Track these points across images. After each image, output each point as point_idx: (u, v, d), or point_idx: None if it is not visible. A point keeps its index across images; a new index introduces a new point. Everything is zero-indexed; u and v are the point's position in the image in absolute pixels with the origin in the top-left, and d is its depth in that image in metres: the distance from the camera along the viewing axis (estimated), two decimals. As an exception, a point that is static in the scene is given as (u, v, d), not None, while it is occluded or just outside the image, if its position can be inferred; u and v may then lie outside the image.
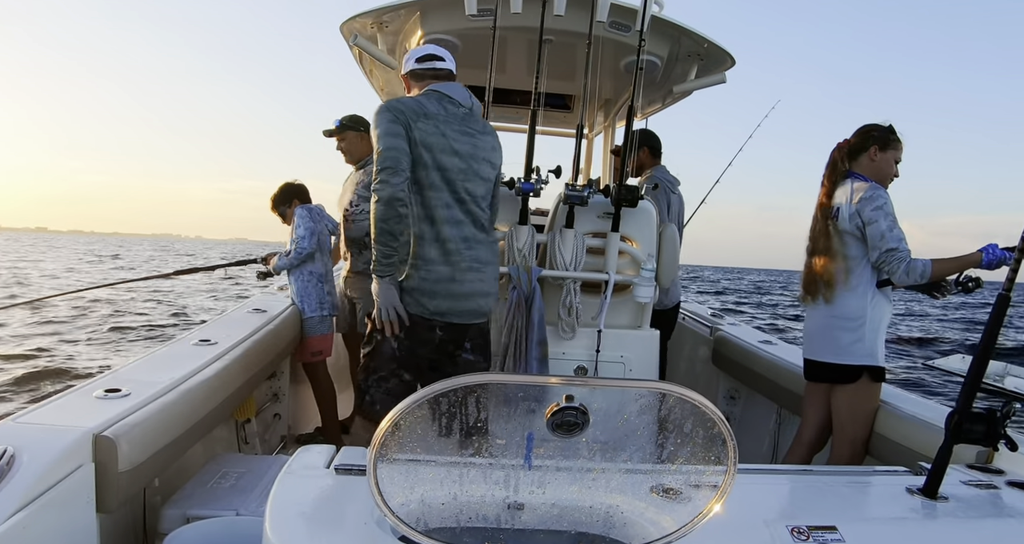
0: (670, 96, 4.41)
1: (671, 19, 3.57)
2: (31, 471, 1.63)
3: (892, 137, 2.88)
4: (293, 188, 4.24)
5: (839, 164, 2.94)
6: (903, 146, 2.91)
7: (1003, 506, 1.84)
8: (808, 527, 1.54)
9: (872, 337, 2.81)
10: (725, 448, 1.13)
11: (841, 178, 2.92)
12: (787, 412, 3.62)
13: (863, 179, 2.86)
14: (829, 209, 2.92)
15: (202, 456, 2.81)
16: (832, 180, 2.95)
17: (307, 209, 4.07)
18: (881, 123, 2.91)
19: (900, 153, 2.90)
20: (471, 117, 2.69)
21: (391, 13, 3.62)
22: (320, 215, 4.12)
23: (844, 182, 2.90)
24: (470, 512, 1.33)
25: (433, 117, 2.57)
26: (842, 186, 2.90)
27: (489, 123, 2.78)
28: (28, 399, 7.22)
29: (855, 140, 2.92)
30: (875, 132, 2.89)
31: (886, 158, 2.87)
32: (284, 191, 4.22)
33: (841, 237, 2.85)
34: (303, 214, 4.04)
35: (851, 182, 2.86)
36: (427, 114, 2.56)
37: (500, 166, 2.77)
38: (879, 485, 1.96)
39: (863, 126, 2.94)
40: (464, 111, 2.68)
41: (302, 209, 4.07)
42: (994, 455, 2.23)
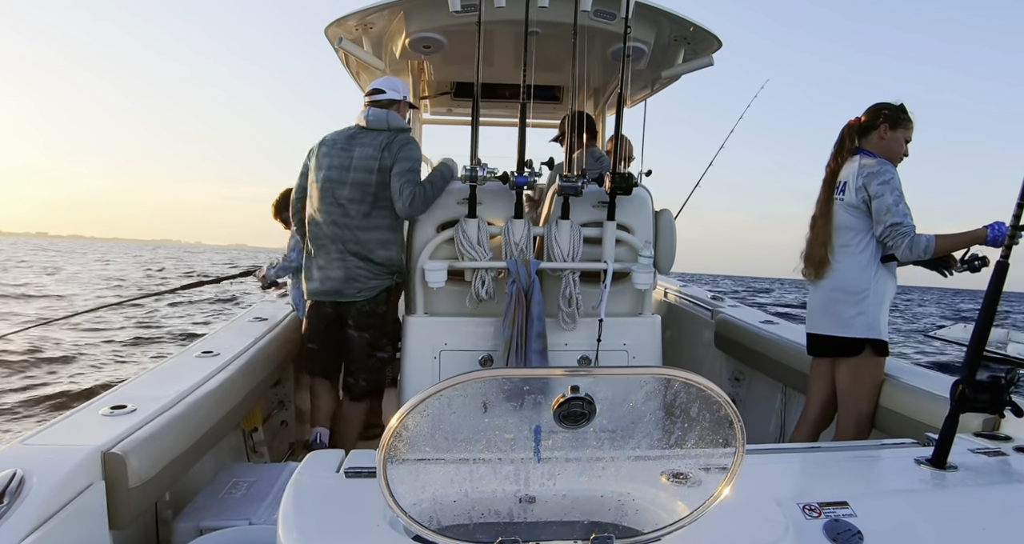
0: (659, 81, 4.41)
1: (655, 4, 3.56)
2: (42, 492, 1.63)
3: (903, 116, 2.88)
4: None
5: (847, 141, 2.94)
6: (914, 126, 2.90)
7: (1012, 472, 1.85)
8: (819, 503, 1.54)
9: (875, 311, 2.82)
10: (732, 430, 1.13)
11: (849, 155, 2.92)
12: (792, 391, 3.63)
13: (872, 156, 2.85)
14: (834, 184, 2.92)
15: (212, 467, 2.81)
16: (840, 157, 2.95)
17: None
18: (892, 102, 2.90)
19: (911, 132, 2.90)
20: (361, 134, 3.29)
21: (375, 14, 3.61)
22: None
23: (852, 158, 2.90)
24: (482, 508, 1.33)
25: (327, 143, 3.33)
26: (850, 162, 2.90)
27: (386, 132, 3.27)
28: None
29: (866, 118, 2.92)
30: (886, 110, 2.88)
31: (896, 137, 2.86)
32: (286, 197, 4.22)
33: (846, 211, 2.85)
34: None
35: (859, 158, 2.86)
36: (323, 142, 3.36)
37: (386, 163, 3.20)
38: (888, 458, 1.97)
39: (875, 104, 2.94)
40: (353, 130, 3.33)
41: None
42: (1000, 422, 2.24)
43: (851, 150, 2.92)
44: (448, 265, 3.05)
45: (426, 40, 3.68)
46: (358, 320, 3.31)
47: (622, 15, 3.03)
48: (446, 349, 3.16)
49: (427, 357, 3.16)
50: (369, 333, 3.34)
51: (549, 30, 3.42)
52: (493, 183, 3.01)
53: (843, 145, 2.95)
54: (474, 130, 3.06)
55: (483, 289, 3.10)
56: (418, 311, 3.22)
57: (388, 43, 4.00)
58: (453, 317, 3.21)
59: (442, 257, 3.12)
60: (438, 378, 3.09)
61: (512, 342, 3.00)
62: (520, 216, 3.10)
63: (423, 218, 3.21)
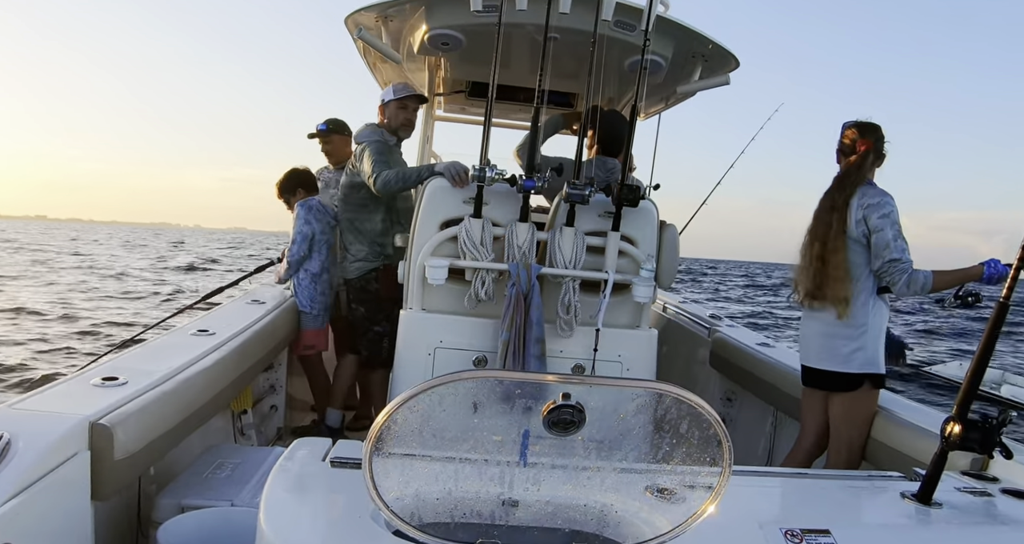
0: (673, 96, 4.41)
1: (676, 19, 3.56)
2: (27, 457, 1.63)
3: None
4: (299, 175, 4.25)
5: (863, 170, 2.85)
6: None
7: (997, 513, 1.84)
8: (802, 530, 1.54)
9: (873, 345, 2.80)
10: (720, 449, 1.13)
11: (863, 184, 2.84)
12: (783, 415, 3.62)
13: (868, 183, 2.83)
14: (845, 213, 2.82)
15: (198, 446, 2.81)
16: (854, 185, 2.83)
17: (307, 208, 4.08)
18: (874, 123, 2.88)
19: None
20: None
21: (396, 7, 3.61)
22: (321, 213, 4.13)
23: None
24: (464, 508, 1.33)
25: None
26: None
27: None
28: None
29: (877, 148, 2.87)
30: (882, 145, 2.87)
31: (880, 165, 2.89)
32: (290, 178, 4.23)
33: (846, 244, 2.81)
34: (300, 214, 4.05)
35: (863, 187, 2.82)
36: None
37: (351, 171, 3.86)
38: (874, 490, 1.96)
39: (877, 131, 2.88)
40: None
41: (301, 208, 4.08)
42: (989, 462, 2.24)
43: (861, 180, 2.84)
44: (450, 263, 3.05)
45: (445, 37, 3.69)
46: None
47: (642, 27, 3.03)
48: (441, 346, 3.16)
49: (421, 353, 3.15)
50: (364, 307, 3.93)
51: (568, 36, 3.42)
52: (501, 185, 3.02)
53: (861, 172, 2.85)
54: (486, 131, 3.07)
55: (483, 289, 3.10)
56: (415, 306, 3.22)
57: (407, 37, 4.00)
58: (450, 315, 3.20)
59: (444, 255, 3.12)
60: (431, 375, 3.08)
61: (510, 345, 3.00)
62: (525, 219, 3.10)
63: (427, 214, 3.20)
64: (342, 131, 4.54)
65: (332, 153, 4.58)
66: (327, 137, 4.53)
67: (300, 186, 4.20)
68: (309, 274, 4.06)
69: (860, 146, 2.86)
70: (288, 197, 4.21)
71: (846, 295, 2.79)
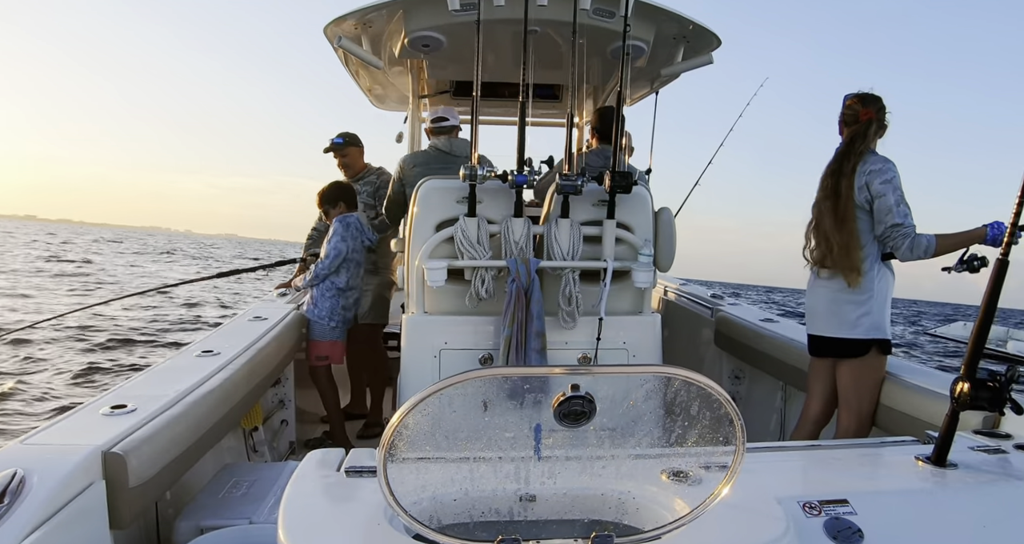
0: (658, 80, 4.40)
1: (655, 2, 3.55)
2: (42, 492, 1.63)
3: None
4: (343, 189, 4.28)
5: (868, 138, 2.83)
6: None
7: (1012, 469, 1.85)
8: (820, 501, 1.54)
9: (879, 310, 2.81)
10: (733, 428, 1.13)
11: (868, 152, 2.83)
12: (792, 389, 3.63)
13: (871, 151, 2.84)
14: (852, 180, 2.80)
15: (212, 466, 2.81)
16: (860, 154, 2.81)
17: (345, 224, 4.10)
18: (874, 94, 2.87)
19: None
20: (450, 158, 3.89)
21: (374, 13, 3.61)
22: (358, 231, 4.16)
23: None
24: (483, 506, 1.33)
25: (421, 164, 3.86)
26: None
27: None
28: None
29: (879, 117, 2.85)
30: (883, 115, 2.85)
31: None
32: (335, 189, 4.25)
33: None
34: (338, 230, 4.07)
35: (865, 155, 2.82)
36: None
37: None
38: (888, 456, 1.97)
39: (879, 101, 2.86)
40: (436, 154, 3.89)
41: (339, 223, 4.09)
42: (1000, 420, 2.24)
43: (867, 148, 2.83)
44: (448, 264, 3.05)
45: (425, 39, 3.68)
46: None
47: (621, 13, 3.02)
48: (446, 348, 3.16)
49: (427, 356, 3.15)
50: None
51: (548, 29, 3.42)
52: (492, 182, 3.01)
53: (867, 137, 2.83)
54: (473, 129, 3.06)
55: (483, 288, 3.10)
56: (417, 310, 3.21)
57: (387, 42, 4.00)
58: (453, 316, 3.20)
59: (441, 256, 3.11)
60: (438, 377, 3.08)
61: (512, 340, 3.00)
62: (519, 215, 3.10)
63: (421, 217, 3.20)
64: (357, 143, 4.64)
65: (349, 166, 4.65)
66: (343, 150, 4.58)
67: (343, 200, 4.22)
68: (335, 287, 4.09)
69: (863, 116, 2.85)
70: (329, 208, 4.22)
71: (858, 263, 2.79)
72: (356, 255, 4.16)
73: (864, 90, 2.90)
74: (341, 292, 4.12)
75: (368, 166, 4.73)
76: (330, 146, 4.61)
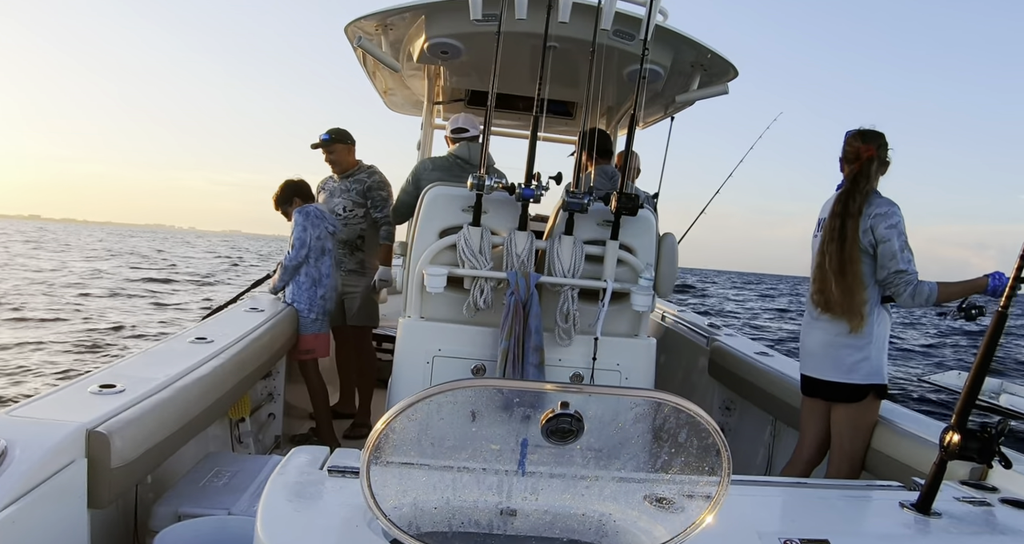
0: (672, 105, 4.42)
1: (675, 29, 3.58)
2: (23, 465, 1.62)
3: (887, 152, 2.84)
4: (294, 186, 4.26)
5: (871, 177, 2.79)
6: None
7: (996, 523, 1.84)
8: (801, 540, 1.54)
9: (878, 355, 2.78)
10: (719, 459, 1.13)
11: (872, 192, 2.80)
12: (782, 424, 3.62)
13: (875, 193, 2.80)
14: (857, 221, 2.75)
15: (195, 454, 2.81)
16: (866, 194, 2.77)
17: (304, 214, 4.08)
18: (876, 130, 2.83)
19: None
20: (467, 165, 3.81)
21: (396, 16, 3.63)
22: (319, 218, 4.13)
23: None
24: (462, 517, 1.32)
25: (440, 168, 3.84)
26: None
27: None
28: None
29: (880, 155, 2.81)
30: (885, 152, 2.81)
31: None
32: (284, 189, 4.25)
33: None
34: (299, 221, 4.05)
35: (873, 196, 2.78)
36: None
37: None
38: (873, 499, 1.96)
39: (880, 138, 2.81)
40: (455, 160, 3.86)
41: (299, 214, 4.08)
42: (988, 472, 2.23)
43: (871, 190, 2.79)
44: (448, 271, 3.05)
45: (444, 46, 3.70)
46: None
47: (641, 37, 3.04)
48: (439, 355, 3.15)
49: (419, 361, 3.15)
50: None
51: (567, 46, 3.44)
52: (499, 193, 3.02)
53: (869, 179, 2.78)
54: (485, 139, 3.08)
55: (481, 298, 3.10)
56: (414, 315, 3.21)
57: (407, 46, 4.02)
58: (449, 323, 3.20)
59: (442, 263, 3.12)
60: (429, 383, 3.08)
61: (509, 354, 3.00)
62: (524, 228, 3.11)
63: (426, 222, 3.21)
64: (345, 140, 4.58)
65: (336, 162, 4.61)
66: (330, 147, 4.56)
67: (296, 195, 4.21)
68: (310, 278, 4.07)
69: (864, 153, 2.79)
70: (285, 208, 4.22)
71: (861, 307, 2.73)
72: (322, 242, 4.11)
73: (866, 127, 2.85)
74: (317, 282, 4.09)
75: (359, 163, 4.67)
76: (318, 143, 4.57)
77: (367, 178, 4.57)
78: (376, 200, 4.54)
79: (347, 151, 4.59)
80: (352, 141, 4.61)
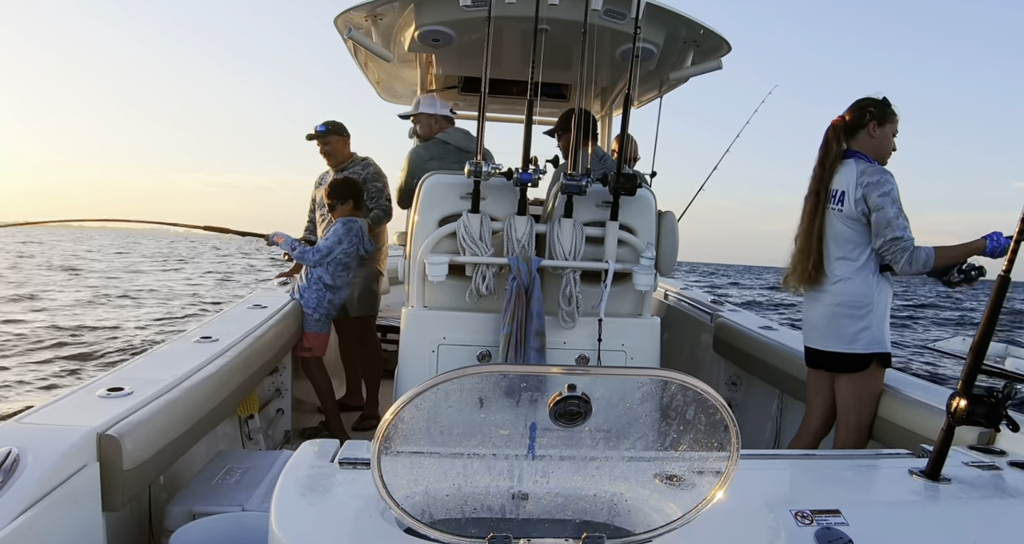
0: (667, 83, 4.39)
1: (666, 6, 3.54)
2: (36, 471, 1.63)
3: (889, 110, 2.81)
4: (356, 188, 4.22)
5: (835, 143, 2.83)
6: (899, 118, 2.84)
7: (1005, 486, 1.85)
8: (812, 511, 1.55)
9: (879, 323, 2.78)
10: (728, 434, 1.14)
11: (839, 159, 2.83)
12: (789, 398, 3.63)
13: (866, 159, 2.79)
14: (828, 194, 2.82)
15: (206, 453, 2.82)
16: (828, 163, 2.83)
17: (348, 228, 4.06)
18: (874, 96, 2.82)
19: (897, 126, 2.83)
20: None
21: (385, 6, 3.60)
22: (358, 238, 4.12)
23: (845, 163, 2.81)
24: (475, 503, 1.33)
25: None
26: (844, 168, 2.81)
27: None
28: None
29: (851, 116, 2.83)
30: (872, 107, 2.80)
31: (884, 133, 2.80)
32: (349, 185, 4.19)
33: (845, 223, 2.79)
34: (339, 231, 4.03)
35: (855, 164, 2.78)
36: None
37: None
38: (882, 468, 1.97)
39: (857, 101, 2.84)
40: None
41: (343, 226, 4.05)
42: (996, 436, 2.24)
43: (840, 154, 2.83)
44: (449, 259, 3.05)
45: (435, 33, 3.68)
46: None
47: (632, 15, 3.02)
48: (444, 343, 3.16)
49: (425, 350, 3.16)
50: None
51: (558, 28, 3.41)
52: (497, 179, 3.01)
53: (830, 149, 2.83)
54: (480, 125, 3.06)
55: (483, 284, 3.10)
56: (417, 304, 3.22)
57: (397, 35, 3.99)
58: (452, 311, 3.20)
59: (443, 251, 3.11)
60: (436, 371, 3.09)
61: (512, 339, 3.00)
62: (523, 213, 3.10)
63: (424, 211, 3.20)
64: (340, 132, 4.57)
65: (332, 154, 4.59)
66: (326, 138, 4.54)
67: (353, 198, 4.15)
68: (323, 283, 4.05)
69: (836, 119, 2.85)
70: (337, 203, 4.13)
71: (818, 268, 2.85)
72: (347, 258, 4.11)
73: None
74: (328, 288, 4.08)
75: (354, 156, 4.66)
76: (313, 134, 4.56)
77: (362, 170, 4.56)
78: (372, 191, 4.54)
79: (343, 143, 4.58)
80: (347, 134, 4.61)
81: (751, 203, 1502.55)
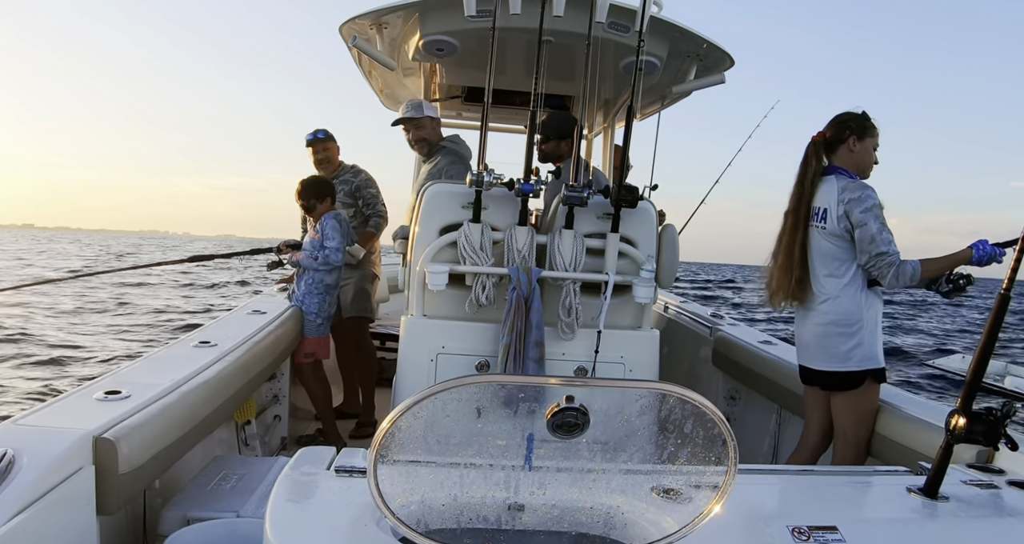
0: (669, 96, 4.41)
1: (670, 20, 3.56)
2: (31, 473, 1.62)
3: (868, 124, 2.80)
4: (330, 185, 4.26)
5: (815, 160, 2.83)
6: (879, 132, 2.84)
7: (1003, 506, 1.84)
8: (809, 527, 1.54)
9: (871, 339, 2.77)
10: (725, 448, 1.13)
11: (819, 175, 2.83)
12: (787, 412, 3.62)
13: (848, 175, 2.78)
14: (809, 212, 2.81)
15: (202, 458, 2.81)
16: (808, 180, 2.83)
17: (338, 220, 4.10)
18: (853, 110, 2.83)
19: (877, 139, 2.83)
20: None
21: (391, 14, 3.62)
22: (346, 233, 4.16)
23: (826, 180, 2.81)
24: (471, 513, 1.32)
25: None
26: (825, 184, 2.81)
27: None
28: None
29: (830, 132, 2.82)
30: (851, 121, 2.80)
31: (865, 147, 2.80)
32: (322, 184, 4.22)
33: (829, 240, 2.77)
34: (335, 226, 4.05)
35: (836, 181, 2.77)
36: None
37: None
38: (880, 485, 1.96)
39: (836, 116, 2.84)
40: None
41: (333, 220, 4.08)
42: (995, 455, 2.23)
43: (819, 171, 2.83)
44: (449, 268, 3.05)
45: (440, 43, 3.69)
46: None
47: (636, 29, 3.03)
48: (443, 352, 3.16)
49: (423, 359, 3.15)
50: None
51: (562, 40, 3.43)
52: (498, 189, 3.02)
53: (809, 166, 2.84)
54: (483, 135, 3.07)
55: (483, 294, 3.10)
56: (416, 313, 3.22)
57: (401, 44, 4.01)
58: (452, 321, 3.20)
59: (444, 260, 3.12)
60: (434, 380, 3.08)
61: (510, 349, 3.00)
62: (524, 223, 3.10)
63: (425, 220, 3.20)
64: (334, 139, 4.65)
65: (329, 161, 4.62)
66: (325, 144, 4.58)
67: (329, 196, 4.20)
68: (324, 285, 4.07)
69: (816, 136, 2.85)
70: (315, 203, 4.14)
71: (806, 286, 2.84)
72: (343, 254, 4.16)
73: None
74: (329, 289, 4.12)
75: (342, 164, 4.69)
76: (313, 139, 4.58)
77: (353, 178, 4.60)
78: (367, 198, 4.58)
79: (337, 151, 4.65)
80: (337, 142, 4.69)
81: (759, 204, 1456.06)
